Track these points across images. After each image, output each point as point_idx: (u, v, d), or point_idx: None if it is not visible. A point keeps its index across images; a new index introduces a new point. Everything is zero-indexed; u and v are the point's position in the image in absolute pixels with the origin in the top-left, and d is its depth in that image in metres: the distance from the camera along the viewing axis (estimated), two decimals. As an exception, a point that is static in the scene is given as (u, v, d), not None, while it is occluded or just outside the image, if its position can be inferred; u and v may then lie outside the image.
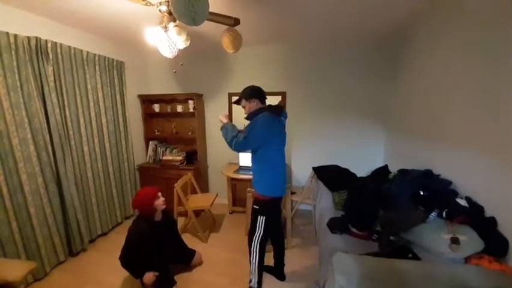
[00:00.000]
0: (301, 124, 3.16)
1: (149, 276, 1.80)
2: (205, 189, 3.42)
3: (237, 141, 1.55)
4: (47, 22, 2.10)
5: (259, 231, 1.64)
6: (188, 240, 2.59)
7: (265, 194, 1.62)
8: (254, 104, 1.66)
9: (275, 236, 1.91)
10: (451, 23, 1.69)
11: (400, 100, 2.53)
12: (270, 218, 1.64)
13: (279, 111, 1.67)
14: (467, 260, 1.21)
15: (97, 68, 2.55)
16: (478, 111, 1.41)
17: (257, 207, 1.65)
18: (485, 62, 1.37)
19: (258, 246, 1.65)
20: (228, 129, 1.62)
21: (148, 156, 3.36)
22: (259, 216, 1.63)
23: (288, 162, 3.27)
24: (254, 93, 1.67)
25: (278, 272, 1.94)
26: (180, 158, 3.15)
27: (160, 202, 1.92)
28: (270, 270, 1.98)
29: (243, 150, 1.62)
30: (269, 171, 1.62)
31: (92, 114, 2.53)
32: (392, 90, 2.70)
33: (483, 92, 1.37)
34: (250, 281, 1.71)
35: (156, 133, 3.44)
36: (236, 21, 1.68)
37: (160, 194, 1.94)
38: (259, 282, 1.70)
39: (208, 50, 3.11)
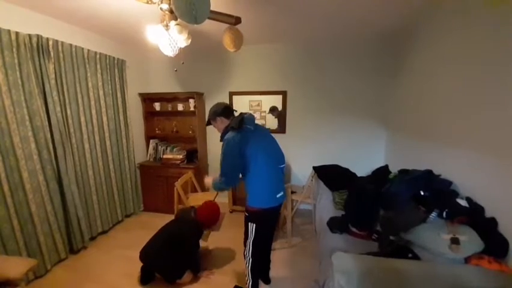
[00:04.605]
0: (302, 123, 3.15)
1: (189, 276, 1.98)
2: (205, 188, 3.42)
3: (224, 182, 1.61)
4: (48, 20, 2.10)
5: (251, 237, 1.64)
6: (189, 238, 2.61)
7: (252, 205, 1.60)
8: (220, 122, 1.68)
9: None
10: (451, 22, 1.69)
11: (401, 100, 2.53)
12: (260, 226, 1.63)
13: (240, 123, 1.56)
14: (467, 260, 1.22)
15: (98, 66, 2.55)
16: (479, 111, 1.40)
17: (247, 214, 1.66)
18: (485, 61, 1.36)
19: (250, 252, 1.66)
20: (215, 184, 1.70)
21: (148, 155, 3.37)
22: (249, 223, 1.64)
23: (288, 162, 3.27)
24: (217, 112, 1.66)
25: (263, 275, 1.95)
26: (181, 156, 3.15)
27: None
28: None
29: (234, 181, 1.63)
30: (256, 182, 1.58)
31: (93, 112, 2.53)
32: (393, 90, 2.70)
33: (484, 92, 1.37)
34: (246, 283, 1.73)
35: (157, 131, 3.44)
36: (237, 20, 1.68)
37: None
38: (255, 285, 1.71)
39: (209, 49, 3.10)
